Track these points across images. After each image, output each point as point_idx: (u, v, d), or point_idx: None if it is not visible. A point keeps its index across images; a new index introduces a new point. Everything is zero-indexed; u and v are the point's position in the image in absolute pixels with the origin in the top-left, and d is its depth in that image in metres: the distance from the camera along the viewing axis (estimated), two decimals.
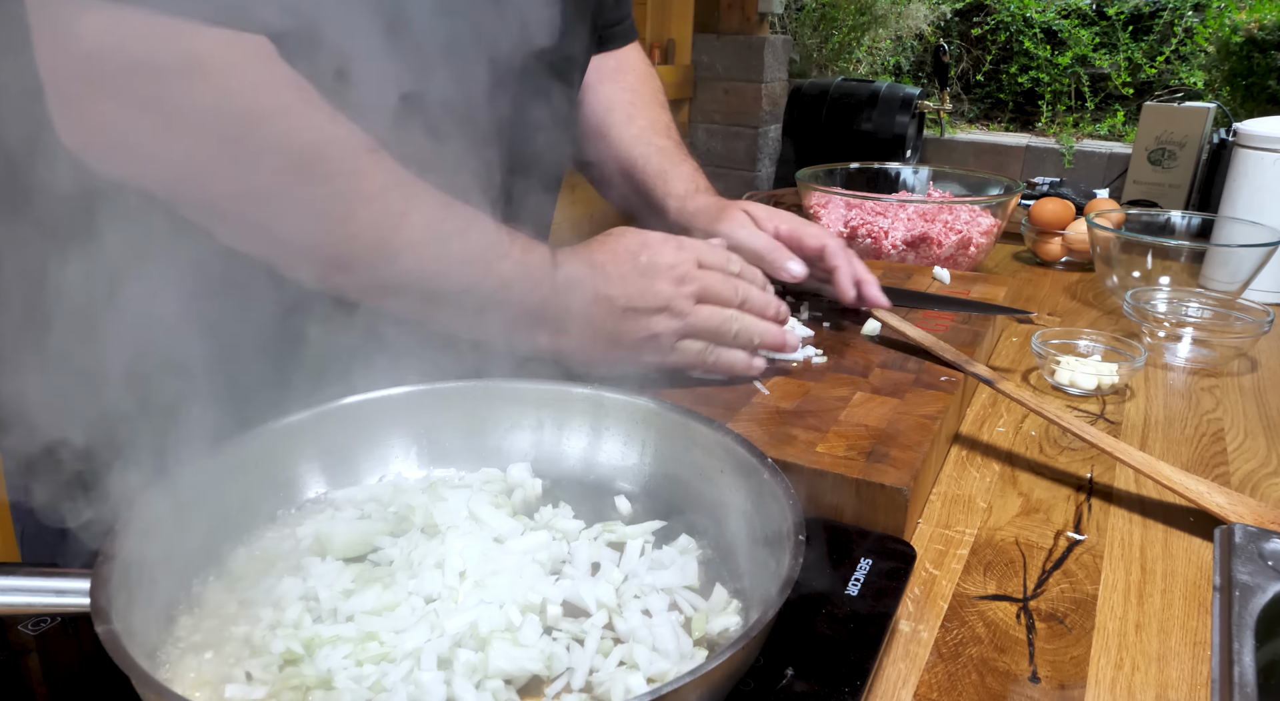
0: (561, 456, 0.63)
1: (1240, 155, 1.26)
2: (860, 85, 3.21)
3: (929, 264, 1.28)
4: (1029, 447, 0.81)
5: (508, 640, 0.45)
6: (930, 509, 0.70)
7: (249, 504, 0.55)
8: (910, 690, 0.51)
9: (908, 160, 3.16)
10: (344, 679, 0.43)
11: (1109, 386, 0.92)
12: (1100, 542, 0.66)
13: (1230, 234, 1.23)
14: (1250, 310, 1.03)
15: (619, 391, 0.62)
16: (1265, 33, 2.70)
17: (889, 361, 0.85)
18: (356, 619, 0.47)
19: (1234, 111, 2.74)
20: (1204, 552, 0.65)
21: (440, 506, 0.56)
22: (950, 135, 3.61)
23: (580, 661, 0.45)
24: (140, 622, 0.43)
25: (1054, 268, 1.45)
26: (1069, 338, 0.99)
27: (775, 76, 3.32)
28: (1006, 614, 0.58)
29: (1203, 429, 0.86)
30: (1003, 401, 0.90)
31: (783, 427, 0.70)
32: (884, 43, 3.85)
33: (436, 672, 0.43)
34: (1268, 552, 0.59)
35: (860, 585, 0.54)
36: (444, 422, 0.63)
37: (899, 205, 1.33)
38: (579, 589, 0.49)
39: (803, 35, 3.69)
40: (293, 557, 0.53)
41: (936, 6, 3.86)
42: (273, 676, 0.43)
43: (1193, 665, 0.54)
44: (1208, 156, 1.86)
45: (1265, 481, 0.76)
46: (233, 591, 0.50)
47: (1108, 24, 3.61)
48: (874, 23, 3.74)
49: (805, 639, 0.49)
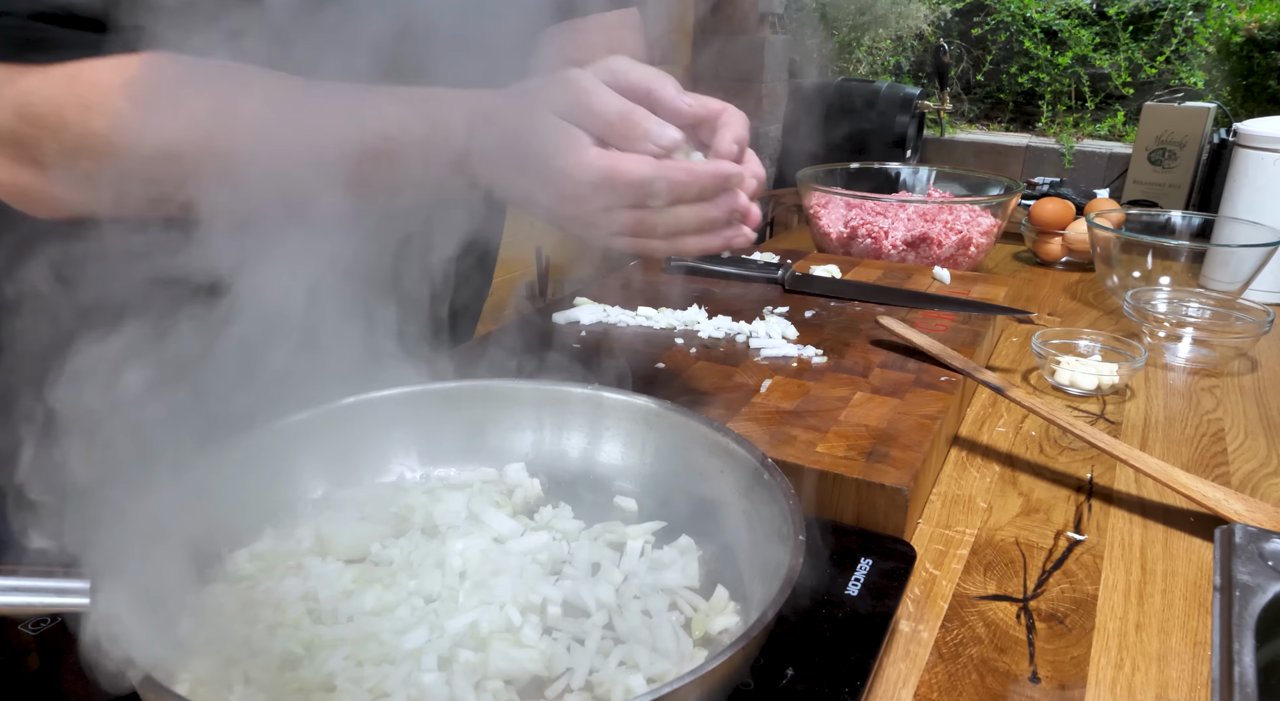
0: (561, 456, 0.63)
1: (1240, 155, 1.26)
2: (860, 85, 3.21)
3: (929, 264, 1.28)
4: (1029, 448, 0.81)
5: (508, 641, 0.45)
6: (930, 509, 0.70)
7: (249, 504, 0.55)
8: (910, 690, 0.51)
9: (908, 160, 3.16)
10: (344, 681, 0.43)
11: (1109, 386, 0.91)
12: (1100, 543, 0.66)
13: (1230, 234, 1.23)
14: (1250, 310, 1.03)
15: (619, 391, 0.62)
16: (1265, 33, 2.69)
17: (889, 361, 0.85)
18: (357, 619, 0.47)
19: (1234, 111, 2.74)
20: (1204, 552, 0.65)
21: (440, 507, 0.56)
22: (950, 135, 3.61)
23: (580, 662, 0.45)
24: (141, 623, 0.43)
25: (1054, 268, 1.45)
26: (1069, 338, 0.99)
27: (775, 76, 3.31)
28: (1006, 614, 0.58)
29: (1203, 429, 0.86)
30: (1003, 402, 0.89)
31: (783, 427, 0.70)
32: (884, 43, 3.84)
33: (437, 674, 0.43)
34: (1268, 552, 0.59)
35: (860, 585, 0.54)
36: (444, 422, 0.63)
37: (899, 205, 1.33)
38: (579, 589, 0.49)
39: (803, 35, 3.69)
40: (293, 558, 0.53)
41: (936, 6, 3.85)
42: (273, 678, 0.43)
43: (1193, 665, 0.54)
44: (1208, 156, 1.86)
45: (1265, 481, 0.76)
46: (233, 592, 0.50)
47: (1108, 24, 3.61)
48: (874, 23, 3.73)
49: (805, 639, 0.49)
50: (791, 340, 0.89)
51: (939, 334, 0.90)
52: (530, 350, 0.71)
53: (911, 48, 3.97)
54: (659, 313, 0.96)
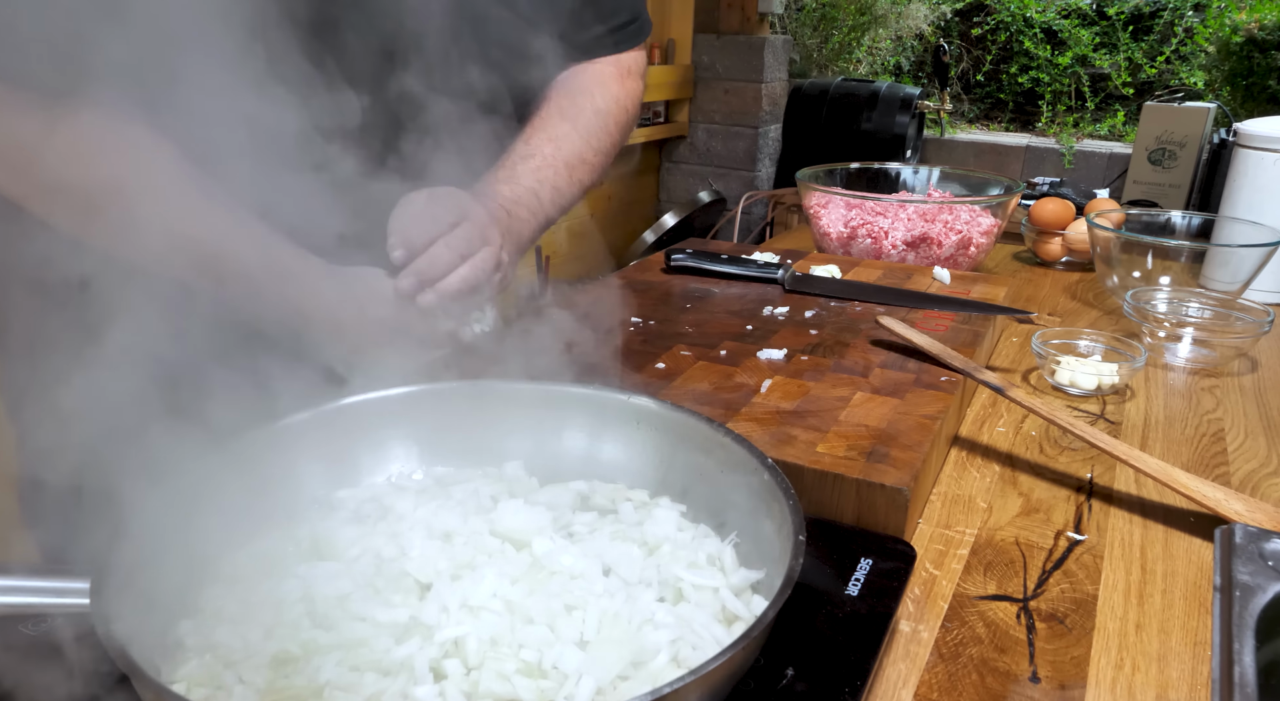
0: (561, 456, 0.63)
1: (1240, 155, 1.26)
2: (860, 85, 3.21)
3: (929, 264, 1.28)
4: (1029, 448, 0.81)
5: (508, 642, 0.45)
6: (930, 509, 0.70)
7: (249, 504, 0.55)
8: (910, 690, 0.51)
9: (908, 160, 3.16)
10: (334, 691, 0.42)
11: (1109, 386, 0.91)
12: (1100, 543, 0.66)
13: (1230, 234, 1.23)
14: (1250, 310, 1.03)
15: (619, 391, 0.62)
16: (1265, 33, 2.69)
17: (889, 361, 0.85)
18: (353, 623, 0.47)
19: (1234, 111, 2.73)
20: (1204, 552, 0.65)
21: (439, 508, 0.56)
22: (950, 135, 3.61)
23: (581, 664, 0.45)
24: (140, 623, 0.43)
25: (1054, 268, 1.45)
26: (1069, 338, 0.99)
27: (775, 76, 3.31)
28: (1007, 614, 0.58)
29: (1203, 429, 0.86)
30: (1003, 402, 0.89)
31: (783, 427, 0.70)
32: (884, 43, 3.84)
33: (431, 686, 0.43)
34: (1268, 552, 0.59)
35: (860, 585, 0.54)
36: (444, 422, 0.63)
37: (899, 205, 1.33)
38: (580, 589, 0.49)
39: (803, 35, 3.69)
40: (291, 560, 0.52)
41: (936, 6, 3.85)
42: (266, 681, 0.43)
43: (1193, 665, 0.54)
44: (1208, 156, 1.86)
45: (1265, 481, 0.76)
46: (232, 593, 0.50)
47: (1108, 24, 3.61)
48: (874, 23, 3.73)
49: (805, 639, 0.49)
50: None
51: (939, 334, 0.90)
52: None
53: (911, 48, 3.97)
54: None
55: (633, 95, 1.01)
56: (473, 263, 0.74)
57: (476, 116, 0.76)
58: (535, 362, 0.66)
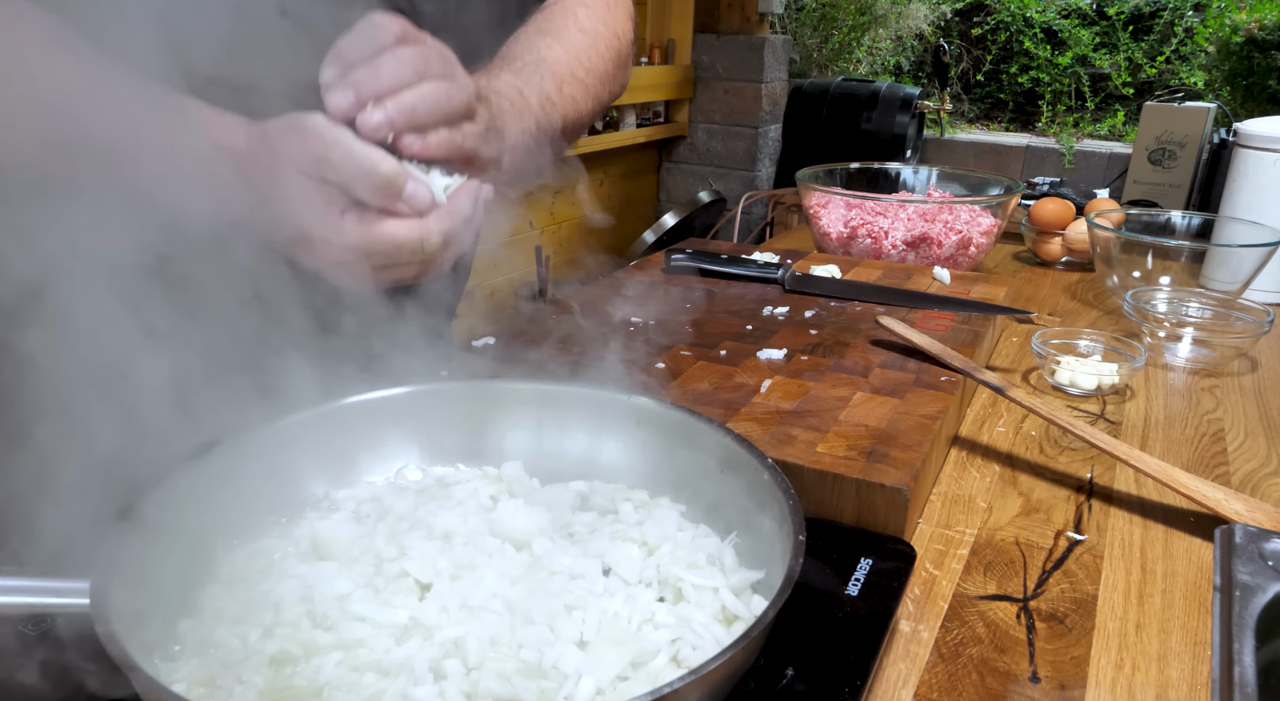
0: (561, 456, 0.63)
1: (1240, 155, 1.26)
2: (860, 85, 3.21)
3: (929, 264, 1.28)
4: (1029, 448, 0.81)
5: (508, 642, 0.45)
6: (930, 509, 0.70)
7: (249, 504, 0.55)
8: (910, 690, 0.51)
9: (908, 160, 3.17)
10: (334, 691, 0.42)
11: (1109, 386, 0.91)
12: (1100, 543, 0.66)
13: (1230, 234, 1.23)
14: (1250, 310, 1.03)
15: (619, 391, 0.62)
16: (1265, 33, 2.70)
17: (889, 361, 0.85)
18: (352, 623, 0.47)
19: (1234, 111, 2.74)
20: (1204, 552, 0.65)
21: (439, 508, 0.56)
22: (950, 135, 3.61)
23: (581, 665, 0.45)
24: (140, 623, 0.43)
25: (1054, 268, 1.45)
26: (1069, 338, 0.99)
27: (775, 76, 3.32)
28: (1007, 614, 0.58)
29: (1203, 429, 0.86)
30: (1003, 402, 0.89)
31: (783, 427, 0.70)
32: (884, 43, 3.85)
33: (431, 686, 0.43)
34: (1268, 552, 0.59)
35: (860, 585, 0.54)
36: (444, 423, 0.63)
37: (899, 205, 1.33)
38: (580, 589, 0.49)
39: (803, 35, 3.69)
40: (291, 560, 0.52)
41: (936, 6, 3.85)
42: (265, 681, 0.43)
43: (1193, 665, 0.54)
44: (1208, 156, 1.86)
45: (1265, 481, 0.76)
46: (232, 593, 0.50)
47: (1108, 24, 3.61)
48: (874, 23, 3.74)
49: (805, 639, 0.49)
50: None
51: (939, 334, 0.90)
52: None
53: (911, 48, 3.97)
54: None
55: (622, 22, 0.89)
56: (436, 84, 0.54)
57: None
58: (535, 362, 0.66)
